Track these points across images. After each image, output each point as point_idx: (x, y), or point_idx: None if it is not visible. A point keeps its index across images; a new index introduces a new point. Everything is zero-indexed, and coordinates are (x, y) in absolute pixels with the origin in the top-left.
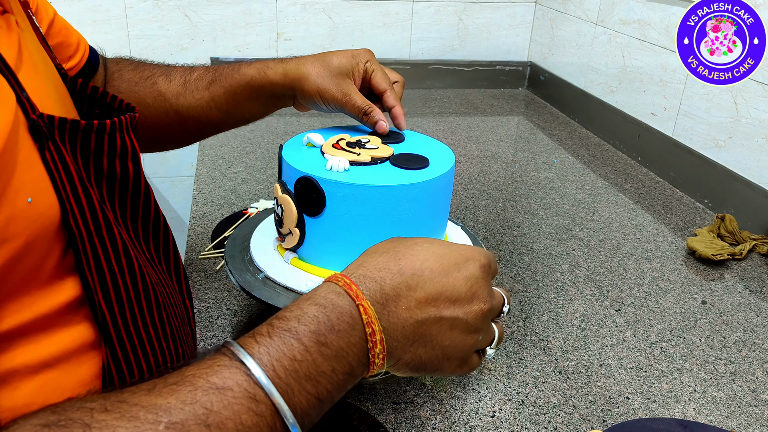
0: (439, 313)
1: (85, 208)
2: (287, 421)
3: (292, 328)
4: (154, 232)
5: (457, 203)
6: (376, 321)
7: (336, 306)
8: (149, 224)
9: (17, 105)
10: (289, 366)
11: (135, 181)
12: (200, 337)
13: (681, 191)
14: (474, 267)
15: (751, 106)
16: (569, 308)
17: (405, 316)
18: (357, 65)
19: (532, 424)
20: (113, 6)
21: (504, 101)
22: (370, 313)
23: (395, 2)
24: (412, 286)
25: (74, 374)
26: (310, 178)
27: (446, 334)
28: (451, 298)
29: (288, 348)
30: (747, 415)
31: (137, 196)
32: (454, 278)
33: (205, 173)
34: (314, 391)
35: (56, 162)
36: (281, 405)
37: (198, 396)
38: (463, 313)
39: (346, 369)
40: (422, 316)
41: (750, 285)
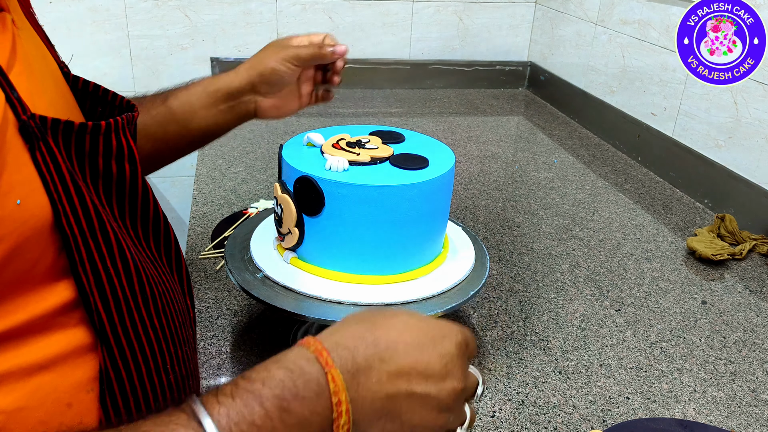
0: (410, 388)
1: (79, 209)
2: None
3: (256, 391)
4: (155, 231)
5: (457, 203)
6: (343, 391)
7: (304, 372)
8: (149, 224)
9: (6, 105)
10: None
11: (132, 181)
12: (200, 337)
13: (681, 191)
14: (450, 344)
15: (751, 106)
16: (569, 308)
17: (375, 388)
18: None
19: (532, 424)
20: (113, 6)
21: (504, 101)
22: (338, 382)
23: (395, 2)
24: (385, 359)
25: (70, 377)
26: (310, 178)
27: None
28: (424, 374)
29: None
30: (747, 415)
31: (135, 196)
32: (428, 354)
33: (205, 173)
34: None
35: (48, 163)
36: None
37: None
38: (436, 391)
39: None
40: (392, 390)
41: (750, 285)
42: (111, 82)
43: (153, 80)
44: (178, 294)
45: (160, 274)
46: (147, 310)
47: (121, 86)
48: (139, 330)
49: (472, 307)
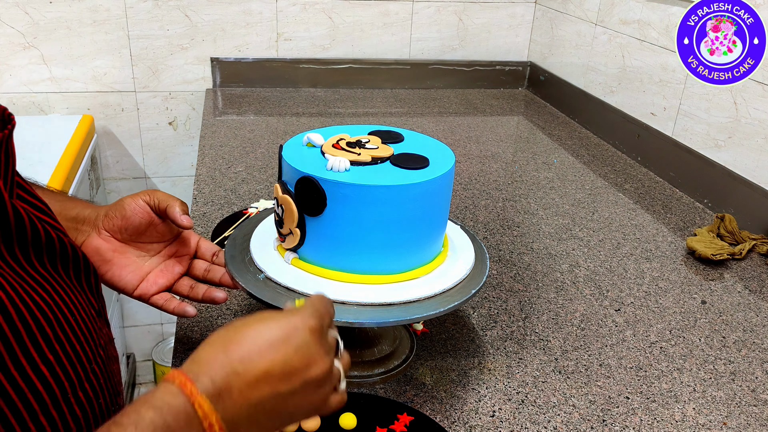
0: (274, 390)
1: None
2: None
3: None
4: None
5: (457, 203)
6: (212, 413)
7: (171, 407)
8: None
9: None
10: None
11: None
12: (200, 338)
13: (681, 191)
14: (303, 334)
15: (750, 106)
16: (569, 308)
17: (240, 402)
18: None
19: (532, 423)
20: (113, 6)
21: (504, 101)
22: (206, 408)
23: (395, 2)
24: (240, 372)
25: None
26: (311, 179)
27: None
28: (284, 372)
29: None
30: (746, 415)
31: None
32: (284, 353)
33: (205, 173)
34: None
35: None
36: None
37: None
38: (301, 381)
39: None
40: (257, 397)
41: (750, 285)
42: (111, 82)
43: (153, 80)
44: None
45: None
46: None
47: (121, 86)
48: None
49: (472, 306)
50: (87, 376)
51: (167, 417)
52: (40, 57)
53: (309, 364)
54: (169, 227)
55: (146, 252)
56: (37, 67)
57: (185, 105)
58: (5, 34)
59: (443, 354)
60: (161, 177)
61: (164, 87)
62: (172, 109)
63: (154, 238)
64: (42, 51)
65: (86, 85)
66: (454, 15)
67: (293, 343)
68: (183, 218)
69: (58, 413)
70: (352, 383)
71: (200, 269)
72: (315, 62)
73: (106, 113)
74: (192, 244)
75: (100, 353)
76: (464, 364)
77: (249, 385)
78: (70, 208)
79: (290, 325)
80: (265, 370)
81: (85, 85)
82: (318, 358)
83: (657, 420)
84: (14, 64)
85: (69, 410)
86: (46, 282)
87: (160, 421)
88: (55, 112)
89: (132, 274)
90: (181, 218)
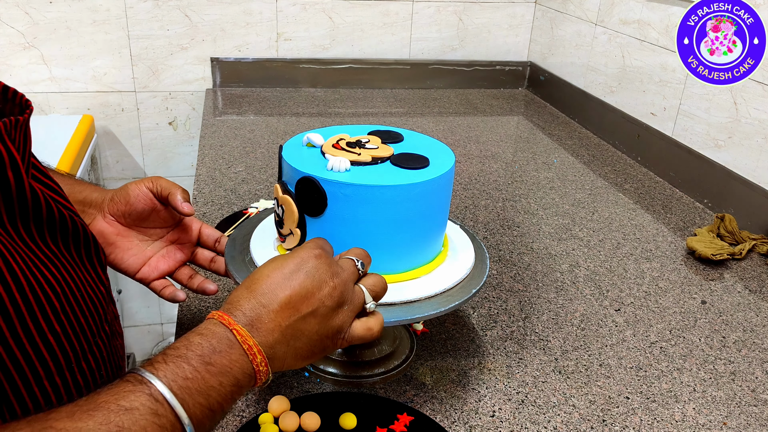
0: (297, 313)
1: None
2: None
3: (182, 354)
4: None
5: (457, 203)
6: (249, 337)
7: (215, 333)
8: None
9: None
10: (183, 384)
11: (18, 189)
12: None
13: (681, 191)
14: (310, 262)
15: (750, 106)
16: (569, 308)
17: (271, 327)
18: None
19: (531, 423)
20: (113, 6)
21: (504, 101)
22: (242, 333)
23: (395, 2)
24: (266, 304)
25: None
26: (312, 179)
27: (313, 323)
28: (301, 296)
29: (180, 370)
30: (746, 415)
31: (24, 202)
32: (297, 279)
33: (205, 173)
34: (206, 402)
35: None
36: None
37: (111, 418)
38: (318, 302)
39: (232, 382)
40: (285, 322)
41: (750, 285)
42: (111, 82)
43: (153, 80)
44: (92, 286)
45: (70, 270)
46: (43, 313)
47: (121, 86)
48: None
49: (472, 306)
50: (90, 348)
51: (212, 341)
52: (40, 57)
53: (320, 285)
54: (171, 213)
55: (149, 237)
56: (37, 67)
57: (185, 105)
58: (5, 34)
59: (443, 354)
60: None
61: (164, 87)
62: (172, 109)
63: (156, 224)
64: (42, 51)
65: (86, 85)
66: (454, 15)
67: (304, 270)
68: (184, 205)
69: (61, 380)
70: (352, 383)
71: (205, 258)
72: (315, 62)
73: (106, 113)
74: (194, 230)
75: (105, 328)
76: (464, 364)
77: (275, 312)
78: (78, 191)
79: (298, 258)
80: (287, 298)
81: (85, 85)
82: (327, 278)
83: (657, 420)
84: (14, 64)
85: (72, 379)
86: (56, 259)
87: (206, 343)
88: (55, 112)
89: (134, 258)
90: (182, 205)
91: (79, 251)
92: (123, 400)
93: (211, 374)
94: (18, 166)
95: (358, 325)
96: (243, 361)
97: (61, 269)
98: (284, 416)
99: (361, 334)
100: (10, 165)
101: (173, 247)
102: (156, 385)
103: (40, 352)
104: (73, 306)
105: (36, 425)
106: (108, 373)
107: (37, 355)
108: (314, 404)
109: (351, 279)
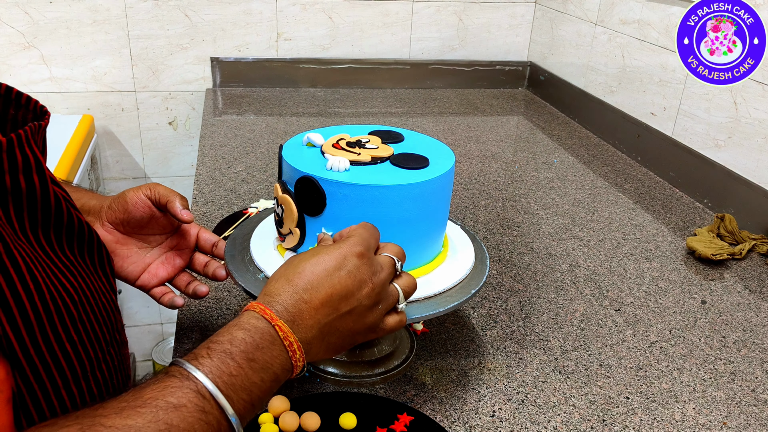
0: (337, 312)
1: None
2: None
3: (227, 350)
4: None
5: (457, 203)
6: (290, 334)
7: (258, 328)
8: (62, 232)
9: None
10: (228, 380)
11: (43, 194)
12: (200, 337)
13: (681, 191)
14: (352, 260)
15: (750, 106)
16: (569, 308)
17: (311, 323)
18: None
19: (531, 423)
20: (113, 6)
21: (504, 101)
22: (284, 329)
23: (395, 2)
24: (307, 300)
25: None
26: (311, 178)
27: (349, 321)
28: (342, 295)
29: (225, 366)
30: (746, 415)
31: (48, 208)
32: (338, 278)
33: (205, 173)
34: (248, 398)
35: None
36: (227, 408)
37: (160, 415)
38: (356, 301)
39: (272, 377)
40: (324, 320)
41: (750, 285)
42: (111, 81)
43: (153, 80)
44: (105, 295)
45: (86, 279)
46: (62, 322)
47: (121, 86)
48: (53, 345)
49: (472, 306)
50: (104, 357)
51: (255, 336)
52: (40, 57)
53: (360, 285)
54: (169, 220)
55: (148, 244)
56: (37, 67)
57: (185, 105)
58: (5, 34)
59: (443, 354)
60: (161, 177)
61: (164, 87)
62: (172, 109)
63: (155, 231)
64: (42, 51)
65: (86, 85)
66: (454, 15)
67: (345, 269)
68: (183, 213)
69: (77, 389)
70: (352, 383)
71: (200, 263)
72: (315, 62)
73: (106, 113)
74: (192, 235)
75: (116, 336)
76: (464, 364)
77: (316, 309)
78: (76, 198)
79: (341, 254)
80: (328, 295)
81: (85, 85)
82: (367, 279)
83: (657, 420)
84: (14, 64)
85: (87, 387)
86: (73, 267)
87: (250, 339)
88: (55, 112)
89: (134, 266)
90: (181, 213)
91: (93, 259)
92: (170, 397)
93: (253, 370)
94: (43, 171)
95: (390, 320)
96: (283, 357)
97: (78, 278)
98: (284, 416)
99: (392, 327)
100: (36, 170)
101: (172, 253)
102: (203, 381)
103: (58, 361)
104: (90, 315)
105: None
106: (118, 383)
107: (56, 363)
108: (314, 404)
109: (388, 279)
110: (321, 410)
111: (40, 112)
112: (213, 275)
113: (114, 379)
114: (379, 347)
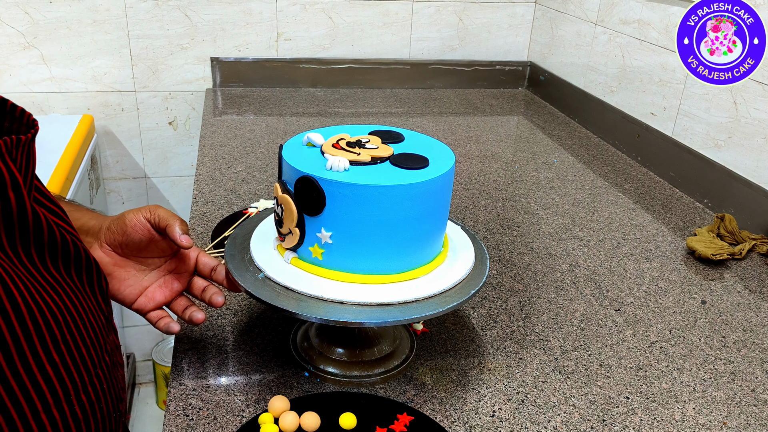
0: None
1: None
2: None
3: None
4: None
5: (457, 203)
6: None
7: None
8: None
9: None
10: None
11: (20, 210)
12: (200, 337)
13: (681, 191)
14: None
15: (750, 106)
16: (569, 308)
17: None
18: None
19: (531, 423)
20: (113, 6)
21: (504, 101)
22: None
23: (395, 2)
24: None
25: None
26: (311, 178)
27: None
28: None
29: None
30: (746, 415)
31: (25, 224)
32: None
33: (205, 173)
34: None
35: None
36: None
37: None
38: None
39: None
40: None
41: (750, 285)
42: (111, 81)
43: (153, 80)
44: (93, 315)
45: (72, 298)
46: (42, 342)
47: (121, 86)
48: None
49: (472, 306)
50: (91, 380)
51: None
52: (40, 57)
53: None
54: (169, 243)
55: (146, 266)
56: (37, 67)
57: (185, 105)
58: (5, 34)
59: (443, 354)
60: (161, 177)
61: (164, 87)
62: (172, 109)
63: (154, 254)
64: (42, 51)
65: (86, 85)
66: (454, 15)
67: None
68: (183, 238)
69: (59, 414)
70: (352, 383)
71: (198, 288)
72: (315, 62)
73: (106, 113)
74: (191, 259)
75: (106, 359)
76: (464, 364)
77: None
78: (76, 218)
79: None
80: None
81: (85, 85)
82: None
83: (657, 420)
84: (14, 64)
85: (71, 412)
86: (57, 285)
87: None
88: (55, 112)
89: (131, 288)
90: (180, 238)
91: (80, 277)
92: None
93: None
94: (19, 186)
95: None
96: None
97: (63, 295)
98: (284, 416)
99: None
100: (11, 185)
101: (170, 276)
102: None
103: (38, 384)
104: (75, 335)
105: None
106: (108, 407)
107: (35, 387)
108: (314, 404)
109: None
110: (321, 410)
111: (30, 125)
112: (210, 301)
113: (103, 403)
114: (379, 347)
